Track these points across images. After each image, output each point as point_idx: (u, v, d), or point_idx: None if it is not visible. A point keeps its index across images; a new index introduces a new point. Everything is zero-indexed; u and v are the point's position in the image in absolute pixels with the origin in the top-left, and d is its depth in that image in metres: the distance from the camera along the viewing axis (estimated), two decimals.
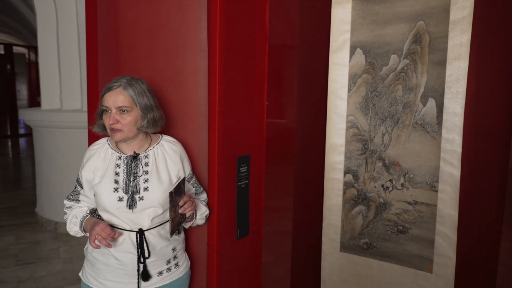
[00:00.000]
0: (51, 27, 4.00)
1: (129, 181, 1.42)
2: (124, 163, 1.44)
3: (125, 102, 1.38)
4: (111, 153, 1.46)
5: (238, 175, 1.74)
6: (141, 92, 1.41)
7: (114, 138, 1.41)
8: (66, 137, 3.94)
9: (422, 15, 1.46)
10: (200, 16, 1.63)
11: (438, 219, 1.48)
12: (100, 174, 1.44)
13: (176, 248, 1.53)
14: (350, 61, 1.62)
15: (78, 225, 1.46)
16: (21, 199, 5.18)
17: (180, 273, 1.54)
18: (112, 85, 1.40)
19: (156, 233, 1.46)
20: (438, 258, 1.49)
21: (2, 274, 3.16)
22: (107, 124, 1.40)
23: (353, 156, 1.66)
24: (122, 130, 1.39)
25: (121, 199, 1.41)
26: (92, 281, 1.47)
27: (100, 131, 1.49)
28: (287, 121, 1.91)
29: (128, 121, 1.39)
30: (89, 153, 1.49)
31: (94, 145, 1.51)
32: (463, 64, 1.38)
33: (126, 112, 1.38)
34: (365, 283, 1.67)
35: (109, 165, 1.44)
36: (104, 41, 1.94)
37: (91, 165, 1.46)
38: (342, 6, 1.61)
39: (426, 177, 1.50)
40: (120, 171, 1.43)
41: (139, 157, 1.45)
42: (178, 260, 1.54)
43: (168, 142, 1.53)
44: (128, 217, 1.41)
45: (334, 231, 1.71)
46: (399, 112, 1.54)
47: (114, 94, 1.38)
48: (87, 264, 1.51)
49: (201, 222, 1.57)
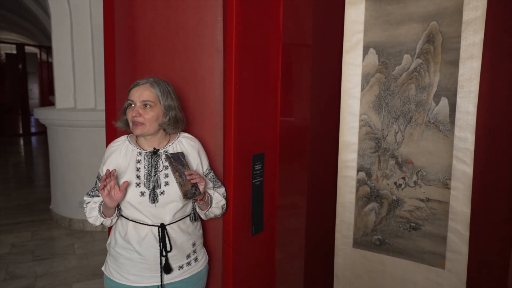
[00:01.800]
0: (65, 27, 4.08)
1: (150, 176, 1.47)
2: (145, 159, 1.49)
3: (149, 97, 1.44)
4: (131, 150, 1.51)
5: (253, 172, 1.77)
6: (166, 92, 1.47)
7: (135, 131, 1.45)
8: (80, 135, 4.02)
9: (435, 16, 1.48)
10: (216, 17, 1.67)
11: (450, 216, 1.50)
12: (121, 170, 1.49)
13: (196, 243, 1.58)
14: (363, 61, 1.65)
15: (97, 209, 1.49)
16: (35, 196, 5.28)
17: (200, 267, 1.59)
18: (140, 81, 1.47)
19: (177, 227, 1.51)
20: (450, 254, 1.52)
21: (20, 269, 3.25)
22: (130, 118, 1.45)
23: (366, 154, 1.68)
24: (144, 124, 1.44)
25: (143, 193, 1.45)
26: (115, 275, 1.52)
27: (123, 126, 1.54)
28: (301, 120, 1.94)
29: (150, 115, 1.44)
30: (110, 149, 1.54)
31: (115, 142, 1.56)
32: (476, 63, 1.40)
33: (149, 107, 1.44)
34: (378, 279, 1.70)
35: (130, 161, 1.49)
36: (122, 41, 1.98)
37: (112, 162, 1.51)
38: (355, 7, 1.64)
39: (438, 174, 1.52)
40: (141, 166, 1.48)
41: (159, 152, 1.50)
42: (198, 255, 1.59)
43: (186, 138, 1.58)
44: (151, 212, 1.46)
45: (347, 227, 1.75)
46: (412, 111, 1.57)
47: (141, 89, 1.44)
48: (110, 259, 1.56)
49: (217, 212, 1.59)
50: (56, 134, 4.17)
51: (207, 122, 1.72)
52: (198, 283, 1.61)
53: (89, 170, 4.03)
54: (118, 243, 1.51)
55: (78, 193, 4.10)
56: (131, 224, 1.48)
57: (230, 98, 1.66)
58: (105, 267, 1.59)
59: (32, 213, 4.61)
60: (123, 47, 1.98)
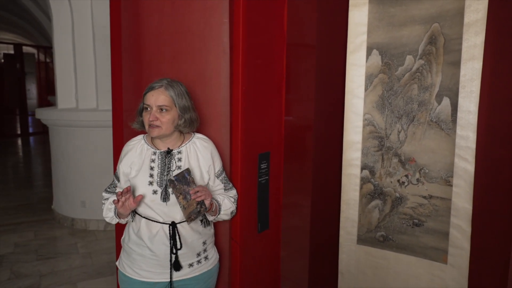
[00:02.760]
0: (67, 27, 4.10)
1: (163, 175, 1.51)
2: (159, 158, 1.53)
3: (165, 101, 1.48)
4: (146, 149, 1.56)
5: (259, 171, 1.81)
6: (180, 93, 1.51)
7: (152, 134, 1.50)
8: (82, 135, 4.04)
9: (437, 18, 1.52)
10: (222, 19, 1.70)
11: (452, 213, 1.55)
12: (136, 168, 1.53)
13: (206, 242, 1.61)
14: (367, 61, 1.69)
15: (113, 211, 1.55)
16: (36, 196, 5.30)
17: (210, 265, 1.63)
18: (154, 85, 1.50)
19: (187, 226, 1.55)
20: (453, 250, 1.56)
21: (24, 268, 3.27)
22: (146, 121, 1.49)
23: (369, 152, 1.73)
24: (160, 127, 1.48)
25: (156, 192, 1.49)
26: (128, 269, 1.56)
27: (139, 127, 1.58)
28: (305, 119, 1.98)
29: (167, 119, 1.48)
30: (127, 148, 1.59)
31: (132, 141, 1.61)
32: (477, 64, 1.44)
33: (166, 111, 1.48)
34: (382, 274, 1.75)
35: (144, 160, 1.54)
36: (128, 43, 2.02)
37: (128, 160, 1.56)
38: (358, 9, 1.68)
39: (441, 172, 1.57)
40: (155, 165, 1.52)
41: (173, 153, 1.54)
42: (208, 253, 1.62)
43: (200, 139, 1.62)
44: (162, 210, 1.50)
45: (351, 224, 1.79)
46: (415, 110, 1.61)
47: (156, 93, 1.48)
48: (124, 254, 1.60)
49: (226, 218, 1.63)
50: (58, 134, 4.19)
51: (214, 122, 1.76)
52: (208, 281, 1.64)
53: (91, 170, 4.05)
54: (131, 239, 1.55)
55: (80, 193, 4.12)
56: (144, 221, 1.52)
57: (237, 98, 1.70)
58: (119, 262, 1.64)
59: (34, 213, 4.63)
60: (130, 49, 2.01)
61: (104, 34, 3.85)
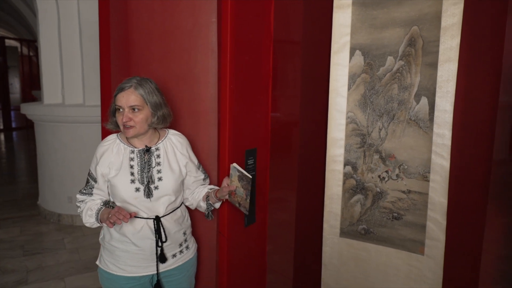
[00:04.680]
0: (53, 22, 4.07)
1: (143, 172, 1.54)
2: (138, 156, 1.56)
3: (136, 101, 1.49)
4: (123, 148, 1.57)
5: (246, 167, 1.87)
6: (150, 91, 1.52)
7: (127, 134, 1.52)
8: (68, 131, 4.04)
9: (416, 21, 1.60)
10: (210, 19, 1.75)
11: (429, 206, 1.63)
12: (115, 168, 1.54)
13: (186, 232, 1.69)
14: (350, 61, 1.76)
15: (94, 217, 1.55)
16: (21, 192, 5.26)
17: (191, 254, 1.71)
18: (123, 85, 1.50)
19: (170, 219, 1.60)
20: (429, 242, 1.65)
21: (11, 264, 3.27)
22: (120, 122, 1.51)
23: (352, 149, 1.80)
24: (135, 127, 1.50)
25: (138, 189, 1.53)
26: (111, 267, 1.59)
27: (113, 127, 1.60)
28: (291, 116, 2.04)
29: (140, 118, 1.50)
30: (102, 149, 1.58)
31: (105, 142, 1.60)
32: (453, 66, 1.52)
33: (138, 111, 1.50)
34: (363, 265, 1.82)
35: (123, 159, 1.55)
36: (117, 42, 2.04)
37: (105, 160, 1.55)
38: (342, 11, 1.74)
39: (419, 168, 1.65)
40: (134, 164, 1.55)
41: (151, 150, 1.58)
42: (188, 243, 1.70)
43: (175, 135, 1.67)
44: (146, 206, 1.54)
45: (334, 218, 1.86)
46: (395, 109, 1.68)
47: (126, 94, 1.48)
48: (105, 252, 1.62)
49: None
50: (44, 129, 4.17)
51: (202, 119, 1.81)
52: (190, 269, 1.72)
53: (77, 165, 4.05)
54: (114, 236, 1.57)
55: (67, 188, 4.12)
56: None
57: (224, 96, 1.75)
58: (99, 261, 1.65)
59: (19, 209, 4.61)
60: (119, 47, 2.04)
61: (91, 29, 3.84)
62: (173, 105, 1.84)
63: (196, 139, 1.80)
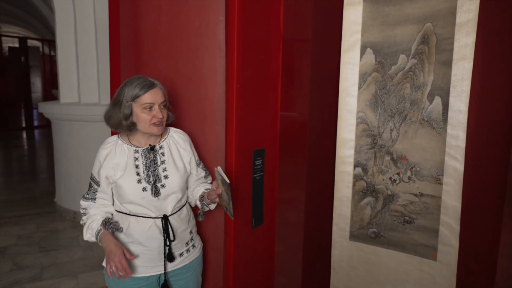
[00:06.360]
0: (69, 21, 4.13)
1: (149, 171, 1.53)
2: (142, 156, 1.55)
3: (164, 97, 1.54)
4: (127, 149, 1.55)
5: (254, 167, 1.84)
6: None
7: (156, 131, 1.52)
8: (84, 129, 4.09)
9: (430, 17, 1.54)
10: (218, 17, 1.72)
11: (442, 210, 1.57)
12: (121, 169, 1.53)
13: (192, 231, 1.69)
14: (361, 60, 1.71)
15: (94, 238, 1.52)
16: (39, 189, 5.37)
17: (197, 253, 1.71)
18: (149, 82, 1.50)
19: (177, 217, 1.59)
20: (442, 247, 1.58)
21: (26, 260, 3.33)
22: (148, 119, 1.49)
23: (362, 150, 1.75)
24: (163, 124, 1.54)
25: (145, 189, 1.52)
26: None
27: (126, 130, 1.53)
28: (300, 116, 2.00)
29: (166, 114, 1.56)
30: (105, 151, 1.56)
31: (107, 144, 1.58)
32: (468, 64, 1.46)
33: (164, 107, 1.55)
34: (373, 270, 1.77)
35: (128, 160, 1.54)
36: (126, 41, 2.04)
37: (109, 162, 1.54)
38: (353, 8, 1.69)
39: (431, 170, 1.59)
40: (139, 163, 1.54)
41: (156, 148, 1.57)
42: (194, 242, 1.70)
43: (177, 132, 1.67)
44: (154, 205, 1.53)
45: (344, 221, 1.81)
46: (407, 109, 1.63)
47: (157, 90, 1.51)
48: None
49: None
50: (60, 128, 4.23)
51: (209, 118, 1.79)
52: (196, 268, 1.71)
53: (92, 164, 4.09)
54: (120, 238, 1.55)
55: (82, 186, 4.16)
56: (133, 219, 1.54)
57: (232, 95, 1.72)
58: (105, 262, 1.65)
59: (36, 206, 4.70)
60: (128, 46, 2.04)
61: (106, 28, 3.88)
62: (180, 105, 1.82)
63: (203, 139, 1.79)
